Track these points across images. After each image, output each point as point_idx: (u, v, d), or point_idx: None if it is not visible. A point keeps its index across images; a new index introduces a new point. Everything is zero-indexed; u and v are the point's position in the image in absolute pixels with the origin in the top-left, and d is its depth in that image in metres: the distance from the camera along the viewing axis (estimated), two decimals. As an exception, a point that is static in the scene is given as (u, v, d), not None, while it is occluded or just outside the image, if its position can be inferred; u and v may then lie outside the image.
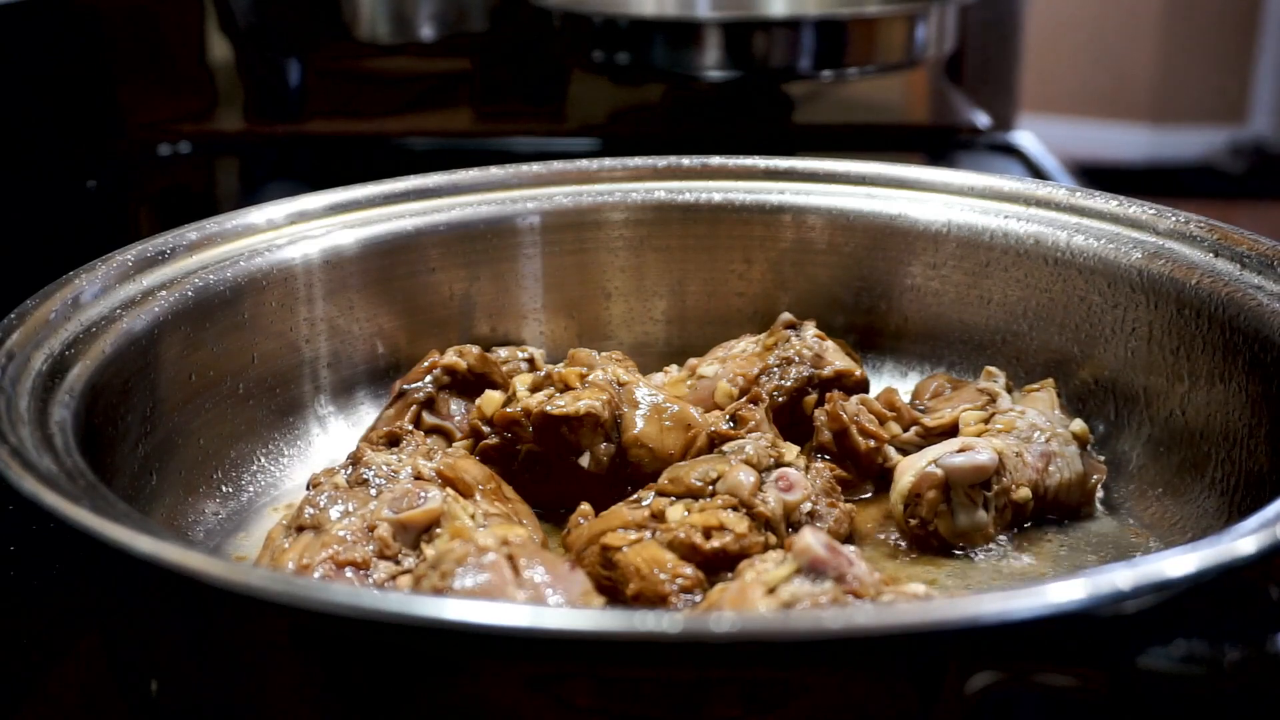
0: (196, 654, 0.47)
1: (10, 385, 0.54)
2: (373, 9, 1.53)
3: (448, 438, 0.72)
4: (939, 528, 0.63)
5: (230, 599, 0.41)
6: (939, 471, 0.63)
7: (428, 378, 0.73)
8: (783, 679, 0.40)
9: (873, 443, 0.69)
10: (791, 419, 0.73)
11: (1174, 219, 0.71)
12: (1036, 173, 1.31)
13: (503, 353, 0.78)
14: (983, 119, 1.47)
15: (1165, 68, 4.03)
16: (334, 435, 0.76)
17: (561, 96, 1.61)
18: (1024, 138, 1.42)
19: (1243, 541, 0.42)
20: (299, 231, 0.76)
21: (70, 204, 1.30)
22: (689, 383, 0.74)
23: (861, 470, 0.69)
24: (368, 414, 0.77)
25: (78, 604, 0.64)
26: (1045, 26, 3.54)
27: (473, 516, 0.59)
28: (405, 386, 0.73)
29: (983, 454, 0.63)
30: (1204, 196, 3.51)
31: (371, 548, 0.56)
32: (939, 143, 1.42)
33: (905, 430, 0.70)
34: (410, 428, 0.69)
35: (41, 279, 0.63)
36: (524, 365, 0.77)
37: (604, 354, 0.73)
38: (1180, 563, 0.40)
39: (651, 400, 0.67)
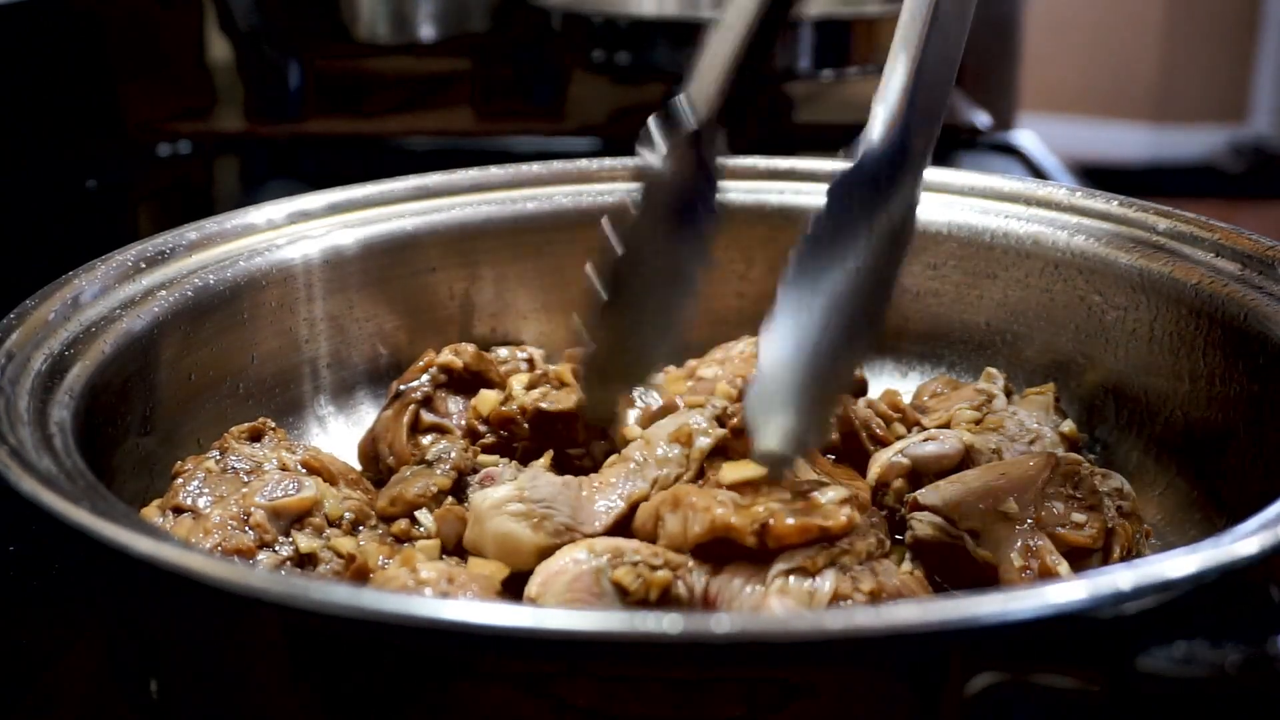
0: (196, 654, 0.47)
1: (10, 385, 0.54)
2: (373, 9, 1.53)
3: (447, 436, 0.72)
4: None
5: (230, 599, 0.41)
6: (905, 460, 0.64)
7: (424, 376, 0.73)
8: (783, 679, 0.40)
9: (878, 446, 0.69)
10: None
11: (1174, 219, 0.71)
12: (1037, 173, 1.31)
13: (502, 353, 0.78)
14: (983, 119, 1.47)
15: (1166, 67, 4.03)
16: (334, 435, 0.76)
17: (561, 96, 1.61)
18: (1024, 137, 1.42)
19: (1244, 542, 0.42)
20: (299, 231, 0.76)
21: (70, 204, 1.30)
22: (689, 383, 0.74)
23: (863, 471, 0.69)
24: (368, 414, 0.77)
25: (78, 604, 0.64)
26: (1045, 26, 3.54)
27: (339, 502, 0.61)
28: (402, 386, 0.73)
29: (948, 444, 0.64)
30: (1204, 196, 3.51)
31: (251, 535, 0.57)
32: (939, 143, 1.42)
33: (909, 431, 0.70)
34: (410, 427, 0.69)
35: (41, 279, 0.63)
36: (523, 365, 0.77)
37: (603, 354, 0.73)
38: (1181, 563, 0.40)
39: (646, 400, 0.67)
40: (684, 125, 0.60)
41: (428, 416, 0.72)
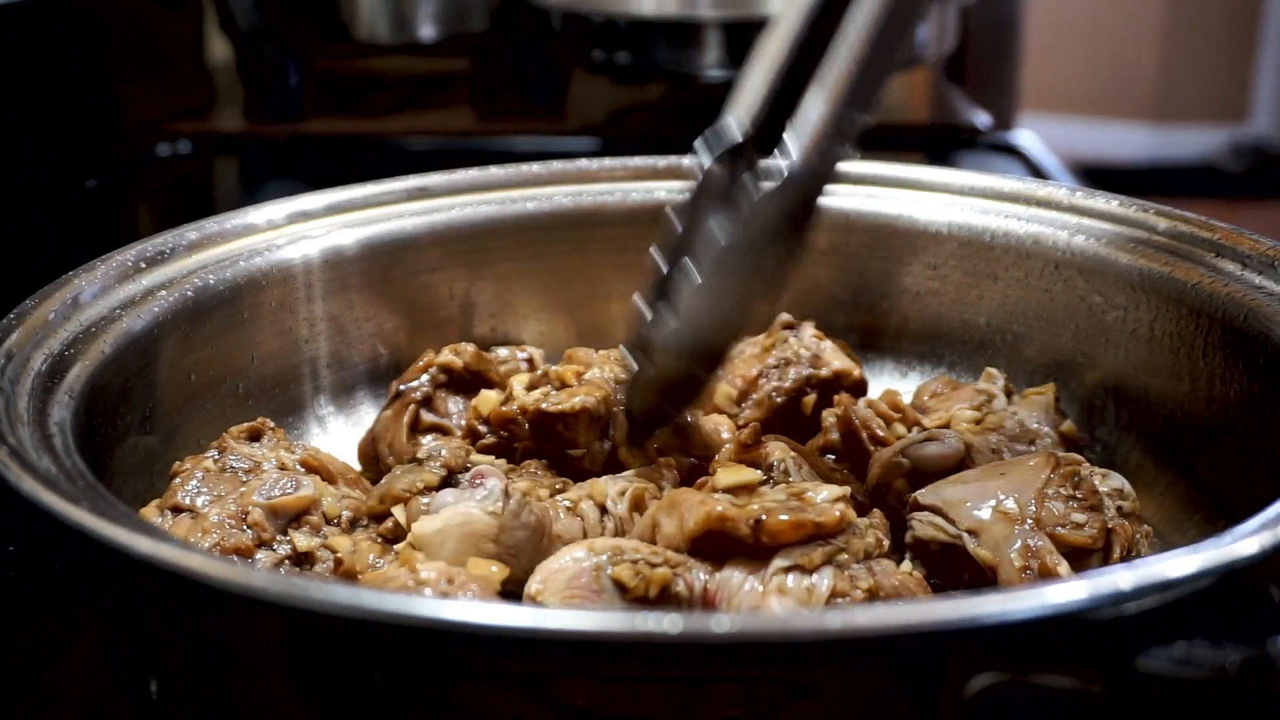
0: (196, 654, 0.47)
1: (10, 385, 0.54)
2: (373, 9, 1.53)
3: (447, 436, 0.72)
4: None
5: (230, 599, 0.41)
6: (905, 461, 0.64)
7: (424, 376, 0.73)
8: (782, 679, 0.40)
9: (879, 447, 0.69)
10: (790, 419, 0.73)
11: (1174, 219, 0.71)
12: (1037, 173, 1.31)
13: (502, 353, 0.78)
14: (983, 119, 1.47)
15: (1166, 67, 4.03)
16: (334, 435, 0.76)
17: (561, 96, 1.62)
18: (1024, 137, 1.41)
19: (1244, 542, 0.42)
20: (299, 231, 0.76)
21: (70, 204, 1.30)
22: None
23: (864, 471, 0.69)
24: (368, 414, 0.77)
25: (78, 604, 0.64)
26: (1045, 26, 3.54)
27: (337, 501, 0.61)
28: (402, 386, 0.73)
29: (948, 444, 0.64)
30: (1204, 196, 3.51)
31: (250, 534, 0.57)
32: (939, 143, 1.42)
33: (909, 431, 0.70)
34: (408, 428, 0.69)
35: (41, 279, 0.63)
36: (523, 365, 0.77)
37: (601, 353, 0.73)
38: (1182, 563, 0.40)
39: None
40: (727, 141, 0.59)
41: (428, 416, 0.72)
